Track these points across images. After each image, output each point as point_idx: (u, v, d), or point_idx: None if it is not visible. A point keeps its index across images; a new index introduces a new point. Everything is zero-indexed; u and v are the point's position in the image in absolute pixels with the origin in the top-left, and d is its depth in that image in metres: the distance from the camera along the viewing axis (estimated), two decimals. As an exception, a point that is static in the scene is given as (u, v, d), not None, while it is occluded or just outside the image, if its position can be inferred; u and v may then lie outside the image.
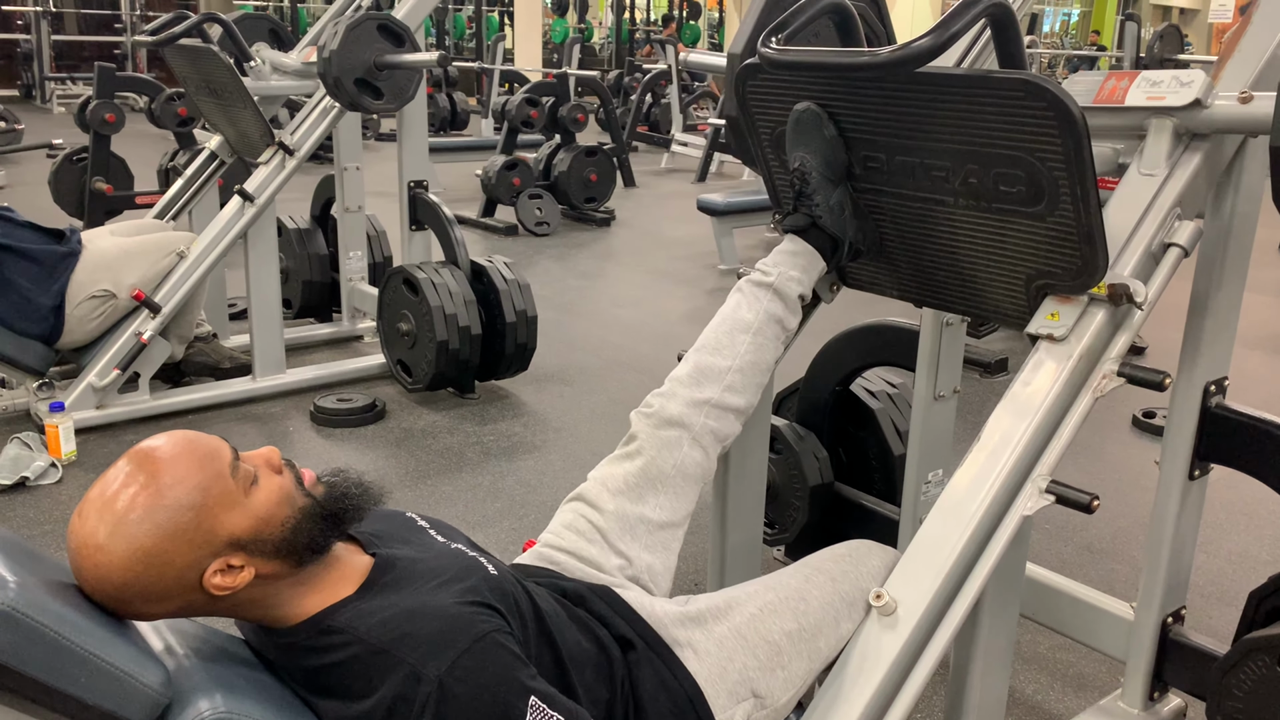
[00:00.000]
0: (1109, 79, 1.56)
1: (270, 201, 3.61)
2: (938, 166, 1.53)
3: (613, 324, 4.85)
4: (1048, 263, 1.47)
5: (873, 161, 1.63)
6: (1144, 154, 1.51)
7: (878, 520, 2.47)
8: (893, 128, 1.56)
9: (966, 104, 1.43)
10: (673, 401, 1.56)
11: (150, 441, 1.10)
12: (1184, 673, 1.95)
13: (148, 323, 3.39)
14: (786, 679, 1.40)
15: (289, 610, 1.14)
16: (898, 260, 1.74)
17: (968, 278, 1.63)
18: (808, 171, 1.64)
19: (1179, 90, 1.47)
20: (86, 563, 1.03)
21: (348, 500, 1.17)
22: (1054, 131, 1.34)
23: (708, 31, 21.09)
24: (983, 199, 1.50)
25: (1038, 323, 1.48)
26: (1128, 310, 1.45)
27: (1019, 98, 1.35)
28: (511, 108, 7.10)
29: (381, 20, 3.39)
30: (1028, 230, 1.47)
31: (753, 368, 1.61)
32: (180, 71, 3.79)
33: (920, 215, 1.62)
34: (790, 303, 1.65)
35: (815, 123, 1.61)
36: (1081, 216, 1.38)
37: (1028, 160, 1.40)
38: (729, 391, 1.57)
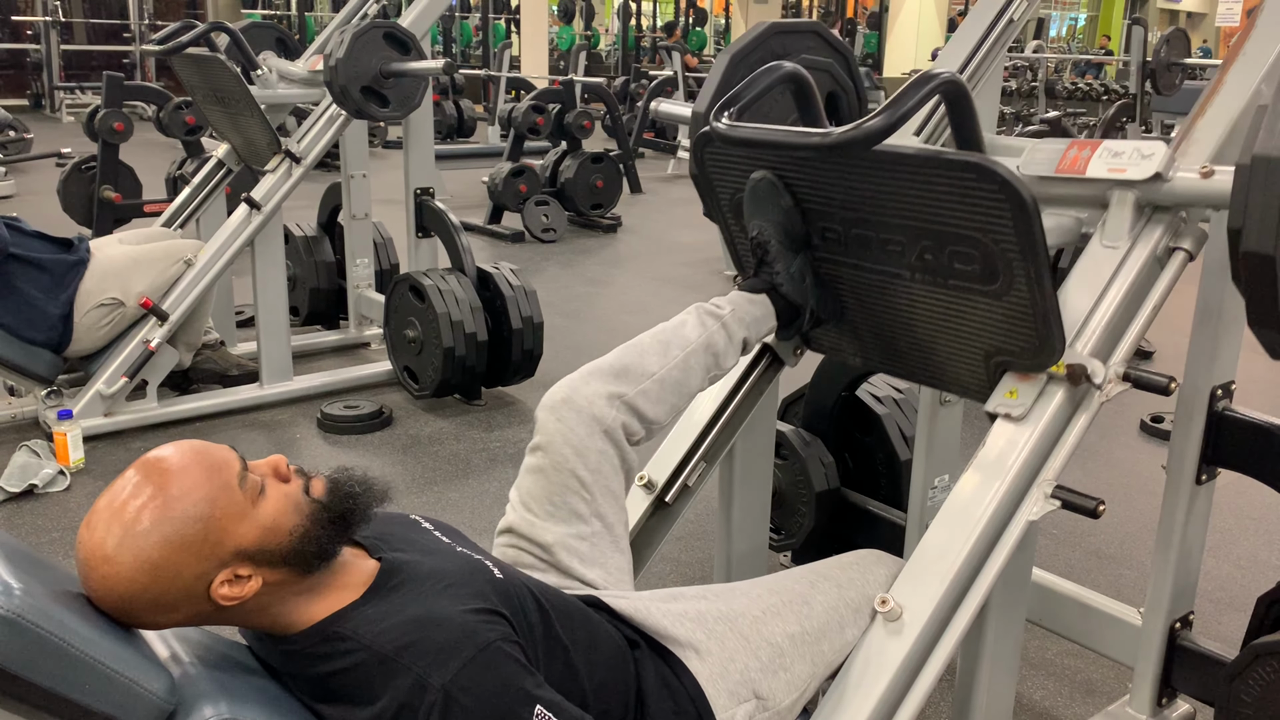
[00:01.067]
0: (1070, 148, 1.52)
1: (277, 209, 3.62)
2: (893, 241, 1.51)
3: (620, 330, 4.84)
4: (1005, 340, 1.45)
5: (830, 232, 1.62)
6: (1106, 226, 1.48)
7: (884, 526, 2.46)
8: (848, 201, 1.54)
9: (919, 183, 1.41)
10: (585, 390, 1.48)
11: (158, 452, 1.10)
12: (1192, 678, 1.94)
13: (155, 330, 3.40)
14: (789, 681, 1.40)
15: (295, 617, 1.14)
16: (859, 328, 1.72)
17: (928, 350, 1.61)
18: (766, 241, 1.62)
19: (1140, 163, 1.43)
20: (94, 573, 1.04)
21: (353, 500, 1.17)
22: (1005, 214, 1.32)
23: (714, 38, 21.11)
24: (938, 275, 1.48)
25: (996, 400, 1.46)
26: (1087, 389, 1.42)
27: (970, 179, 1.33)
28: (518, 115, 7.12)
29: (388, 28, 3.41)
30: (985, 308, 1.44)
31: (675, 386, 1.54)
32: (188, 80, 3.80)
33: (879, 287, 1.60)
34: (733, 342, 1.61)
35: (771, 193, 1.60)
36: (1036, 298, 1.36)
37: (981, 240, 1.38)
38: (643, 396, 1.50)
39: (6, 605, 0.93)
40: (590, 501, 1.46)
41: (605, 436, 1.47)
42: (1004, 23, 2.09)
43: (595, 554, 1.46)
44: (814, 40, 1.92)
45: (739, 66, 1.82)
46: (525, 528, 1.46)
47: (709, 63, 16.18)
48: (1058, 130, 5.02)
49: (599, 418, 1.46)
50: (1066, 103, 11.58)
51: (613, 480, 1.49)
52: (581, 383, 1.49)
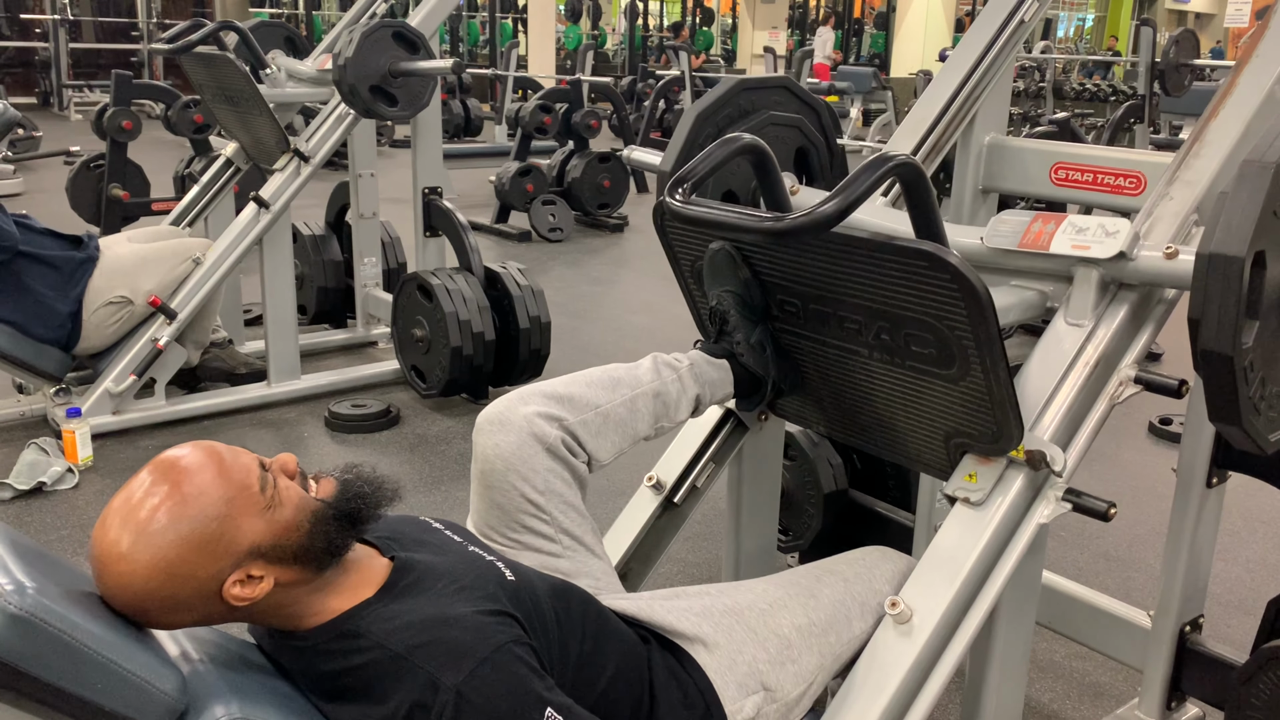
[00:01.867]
0: (1035, 221, 1.50)
1: (285, 208, 3.63)
2: (850, 320, 1.49)
3: (626, 330, 4.85)
4: (963, 424, 1.43)
5: (789, 305, 1.60)
6: (1070, 303, 1.46)
7: (893, 527, 2.45)
8: (804, 278, 1.53)
9: (873, 266, 1.39)
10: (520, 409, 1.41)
11: (173, 451, 1.10)
12: (1202, 682, 1.94)
13: (164, 329, 3.41)
14: (797, 673, 1.40)
15: (307, 615, 1.14)
16: (822, 398, 1.69)
17: (889, 426, 1.59)
18: (726, 310, 1.60)
19: (1104, 241, 1.41)
20: (108, 571, 1.04)
21: (362, 500, 1.17)
22: (959, 303, 1.30)
23: (721, 37, 21.13)
24: (896, 355, 1.46)
25: (955, 483, 1.44)
26: (1047, 475, 1.40)
27: (923, 267, 1.31)
28: (525, 114, 7.12)
29: (396, 28, 3.41)
30: (942, 390, 1.42)
31: (619, 424, 1.48)
32: (196, 79, 3.81)
33: (838, 361, 1.58)
34: (685, 395, 1.56)
35: (729, 265, 1.58)
36: (993, 387, 1.34)
37: (936, 326, 1.36)
38: (583, 426, 1.44)
39: (19, 604, 0.93)
40: (550, 520, 1.42)
41: (549, 454, 1.41)
42: (1015, 24, 2.08)
43: (575, 567, 1.44)
44: (783, 95, 1.88)
45: (705, 124, 1.80)
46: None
47: (715, 62, 16.19)
48: (1066, 131, 5.01)
49: (539, 435, 1.40)
50: (1074, 103, 11.58)
51: (568, 494, 1.44)
52: (519, 402, 1.43)
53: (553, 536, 1.43)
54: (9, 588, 0.94)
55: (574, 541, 1.44)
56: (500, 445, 1.40)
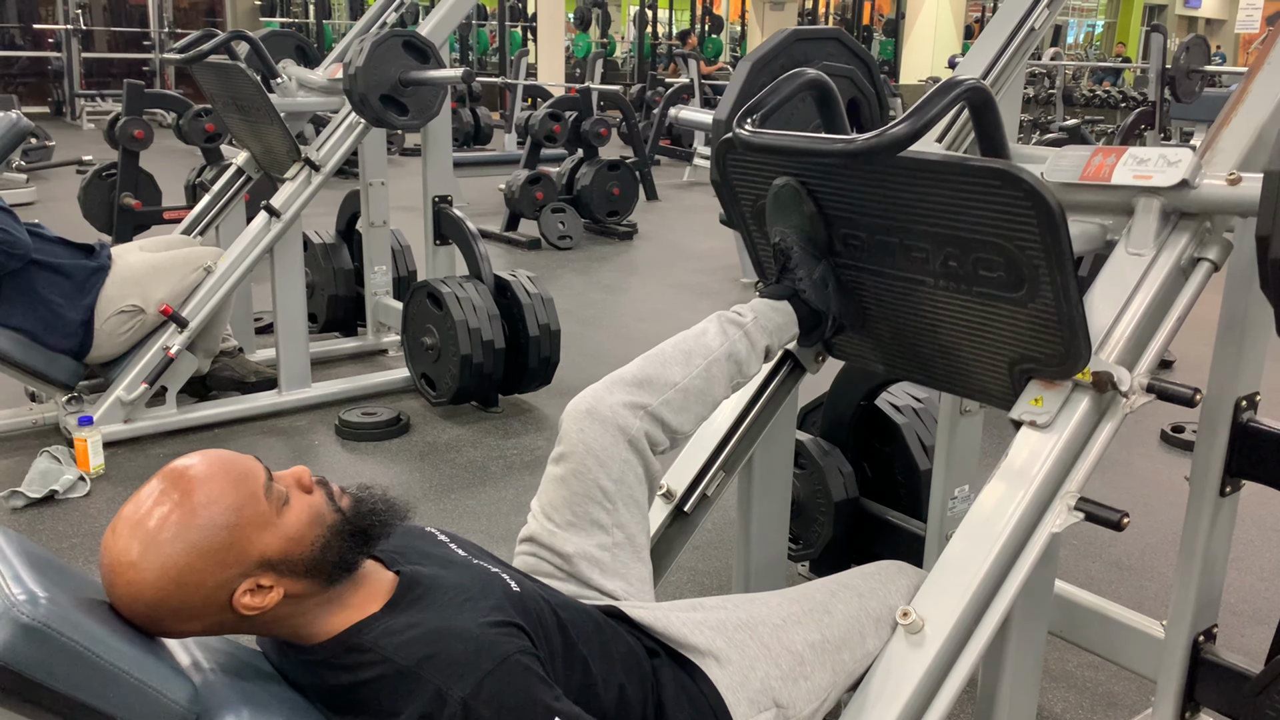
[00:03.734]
0: (1095, 154, 1.50)
1: (296, 217, 3.64)
2: (917, 248, 1.50)
3: (636, 337, 4.85)
4: (1030, 347, 1.44)
5: (853, 239, 1.61)
6: (1131, 233, 1.46)
7: (903, 536, 2.45)
8: (871, 208, 1.54)
9: (944, 190, 1.40)
10: (608, 399, 1.47)
11: (183, 460, 1.10)
12: (1216, 693, 1.92)
13: (175, 337, 3.42)
14: (810, 690, 1.39)
15: (316, 628, 1.14)
16: (882, 334, 1.71)
17: (951, 357, 1.60)
18: (789, 247, 1.62)
19: (1166, 170, 1.42)
20: (119, 580, 1.04)
21: (375, 516, 1.18)
22: (1031, 221, 1.31)
23: (730, 45, 21.12)
24: (963, 282, 1.47)
25: (1021, 408, 1.45)
26: (1113, 397, 1.41)
27: (996, 186, 1.32)
28: (535, 122, 7.13)
29: (407, 37, 3.42)
30: (1009, 315, 1.43)
31: (698, 395, 1.53)
32: (208, 88, 3.83)
33: (902, 293, 1.59)
34: (755, 350, 1.60)
35: (794, 199, 1.59)
36: (1062, 306, 1.35)
37: (1006, 247, 1.37)
38: (667, 406, 1.50)
39: (32, 614, 0.94)
40: (612, 512, 1.45)
41: (629, 446, 1.47)
42: (1025, 31, 2.08)
43: (616, 565, 1.45)
44: (835, 47, 1.92)
45: (760, 73, 1.82)
46: (546, 537, 1.45)
47: (725, 70, 16.19)
48: (1077, 138, 5.01)
49: (623, 427, 1.46)
50: (1084, 110, 11.54)
51: (636, 490, 1.48)
52: (605, 392, 1.49)
53: (607, 528, 1.45)
54: (22, 597, 0.95)
55: (625, 538, 1.47)
56: (586, 432, 1.45)
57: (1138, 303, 1.43)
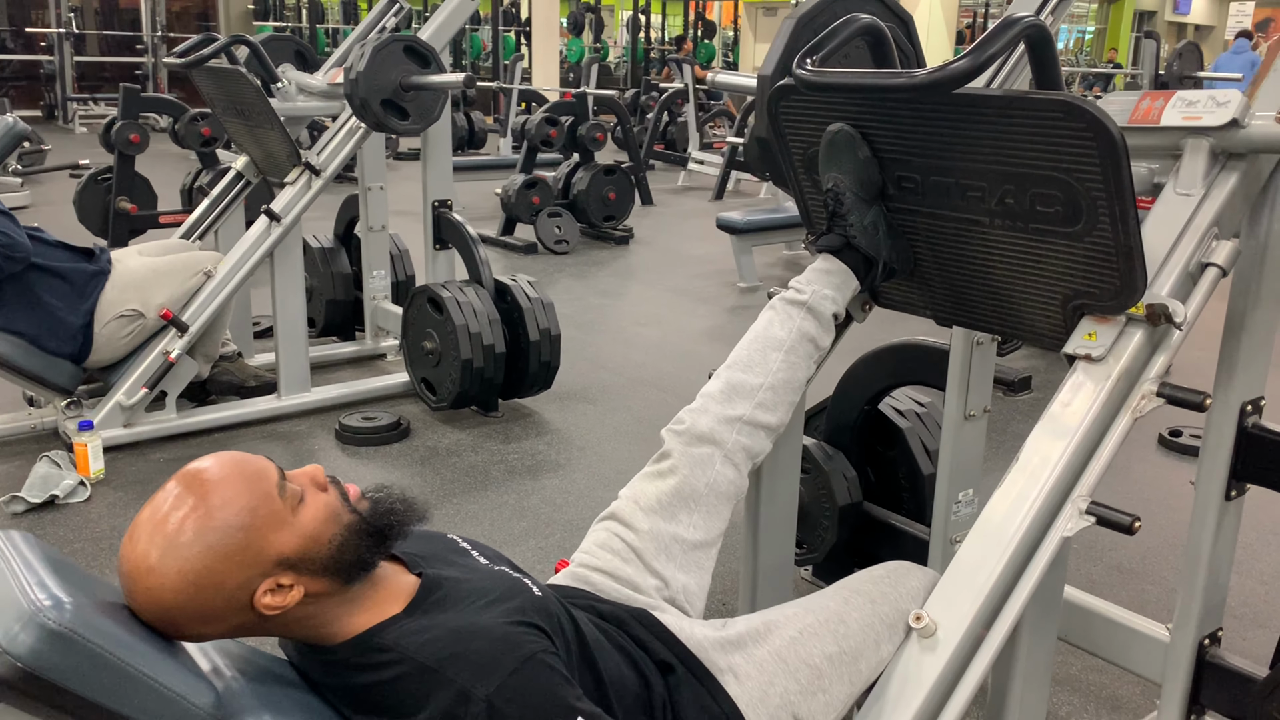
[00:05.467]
0: (1144, 99, 1.55)
1: (297, 221, 3.63)
2: (974, 187, 1.53)
3: (635, 342, 4.85)
4: (1085, 283, 1.46)
5: (907, 182, 1.63)
6: (1180, 174, 1.50)
7: (907, 540, 2.45)
8: (928, 148, 1.56)
9: (1003, 125, 1.42)
10: (704, 418, 1.56)
11: (198, 463, 1.11)
12: (1222, 696, 1.93)
13: (175, 341, 3.41)
14: (827, 702, 1.40)
15: (337, 628, 1.14)
16: (931, 279, 1.73)
17: (1003, 297, 1.63)
18: (841, 192, 1.64)
19: (1215, 110, 1.45)
20: (138, 585, 1.04)
21: (393, 516, 1.18)
22: (1093, 152, 1.34)
23: (722, 50, 21.17)
24: (1019, 219, 1.49)
25: (1075, 343, 1.47)
26: (1166, 330, 1.43)
27: (1057, 119, 1.35)
28: (531, 127, 7.14)
29: (407, 42, 3.42)
30: (1065, 250, 1.46)
31: (785, 385, 1.60)
32: (207, 93, 3.82)
33: (955, 235, 1.61)
34: (824, 321, 1.65)
35: (849, 144, 1.61)
36: (1120, 236, 1.38)
37: (1065, 181, 1.40)
38: (760, 409, 1.57)
39: (58, 619, 0.94)
40: (694, 512, 1.51)
41: (726, 460, 1.54)
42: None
43: (685, 560, 1.50)
44: (876, 6, 1.94)
45: (804, 30, 1.85)
46: (627, 514, 1.51)
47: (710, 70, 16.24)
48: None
49: (719, 443, 1.54)
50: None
51: (722, 507, 1.55)
52: (700, 411, 1.57)
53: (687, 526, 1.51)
54: (47, 603, 0.95)
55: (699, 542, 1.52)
56: (690, 447, 1.55)
57: (1188, 239, 1.46)
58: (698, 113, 10.39)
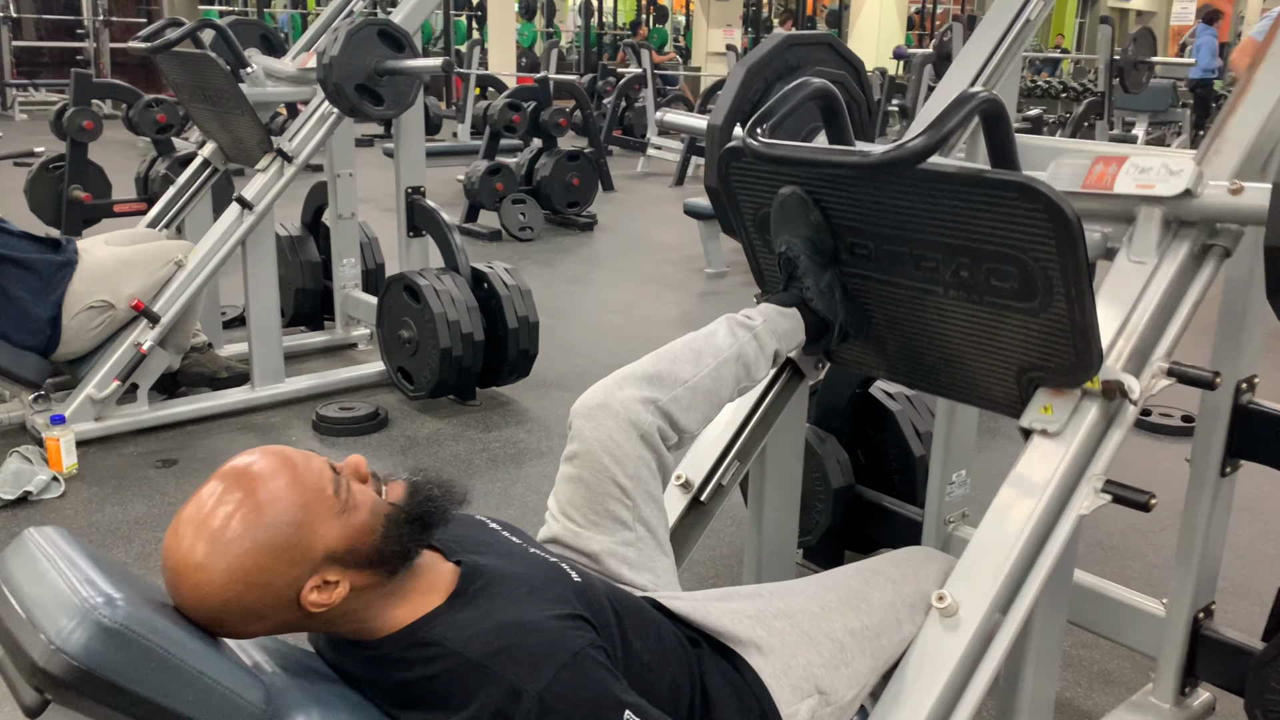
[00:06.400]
0: (1096, 163, 1.52)
1: (269, 209, 3.57)
2: (927, 258, 1.51)
3: (607, 329, 4.84)
4: (1040, 356, 1.45)
5: (860, 248, 1.62)
6: (1133, 241, 1.49)
7: (900, 521, 2.48)
8: (881, 218, 1.54)
9: (958, 201, 1.41)
10: (618, 395, 1.46)
11: (243, 458, 1.08)
12: (1217, 667, 1.98)
13: (146, 333, 3.34)
14: (851, 676, 1.41)
15: (379, 622, 1.13)
16: (885, 341, 1.72)
17: (957, 364, 1.61)
18: (795, 256, 1.63)
19: (1168, 179, 1.44)
20: (185, 582, 1.02)
21: (432, 503, 1.16)
22: (1048, 234, 1.33)
23: (673, 34, 21.12)
24: (973, 292, 1.48)
25: (1031, 416, 1.46)
26: (1120, 404, 1.43)
27: (1013, 199, 1.34)
28: (494, 112, 7.08)
29: (382, 26, 3.37)
30: (1020, 324, 1.45)
31: (707, 395, 1.53)
32: (173, 78, 3.74)
33: (909, 302, 1.60)
34: (764, 354, 1.61)
35: (801, 208, 1.60)
36: (1076, 315, 1.37)
37: (1020, 259, 1.39)
38: (675, 403, 1.49)
39: (111, 616, 0.91)
40: (632, 508, 1.45)
41: (642, 441, 1.46)
42: (1021, 23, 2.12)
43: (642, 559, 1.45)
44: (826, 51, 1.92)
45: (755, 78, 1.83)
46: (570, 538, 1.44)
47: (674, 60, 16.21)
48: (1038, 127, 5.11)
49: (635, 422, 1.45)
50: (1028, 100, 11.76)
51: (652, 484, 1.48)
52: (615, 388, 1.48)
53: (630, 524, 1.44)
54: (99, 600, 0.92)
55: (647, 533, 1.46)
56: (600, 429, 1.43)
57: (1142, 310, 1.45)
58: (656, 98, 10.38)
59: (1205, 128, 11.56)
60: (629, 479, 1.44)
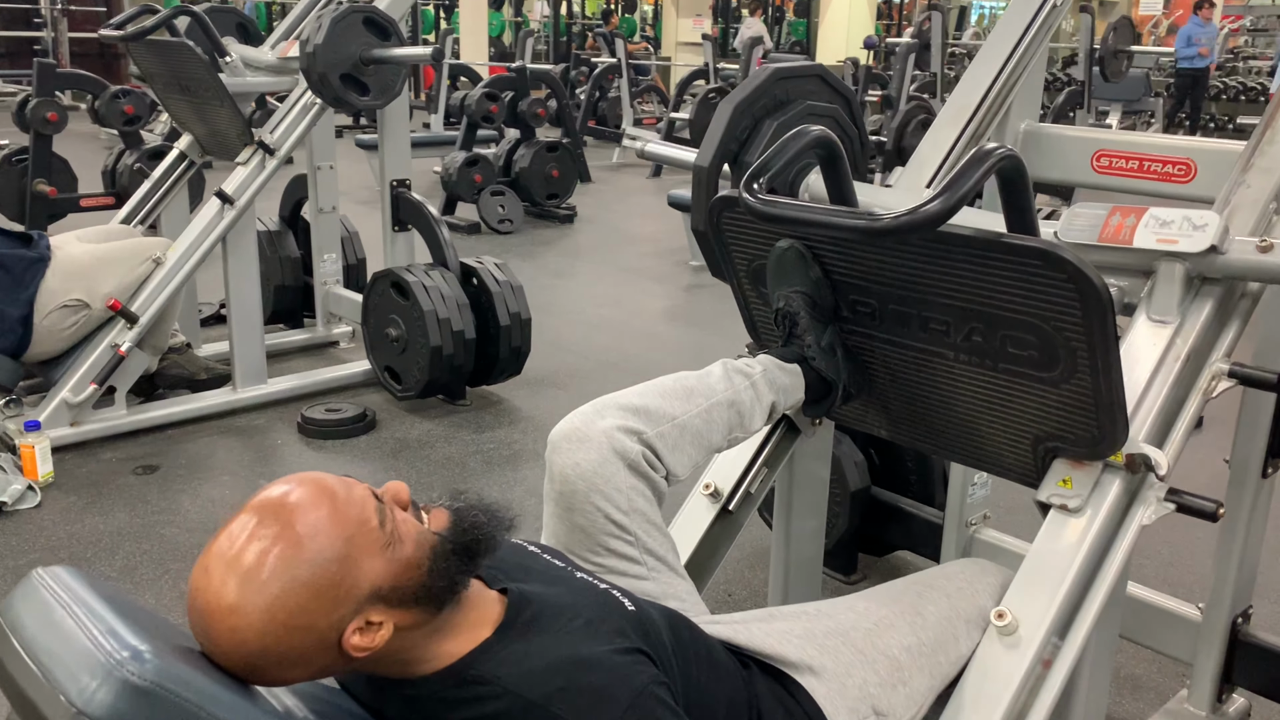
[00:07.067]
0: (1113, 214, 1.43)
1: (250, 203, 3.44)
2: (937, 320, 1.41)
3: (596, 323, 4.74)
4: (1059, 428, 1.36)
5: (862, 306, 1.51)
6: (1154, 299, 1.40)
7: (919, 524, 2.42)
8: (886, 277, 1.44)
9: (973, 264, 1.31)
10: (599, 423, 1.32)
11: (277, 487, 0.98)
12: (1257, 672, 1.93)
13: (124, 333, 3.20)
14: (909, 695, 1.33)
15: (424, 660, 1.03)
16: (890, 402, 1.61)
17: (967, 430, 1.51)
18: (795, 312, 1.52)
19: (1192, 234, 1.35)
20: (218, 626, 0.92)
21: (479, 530, 1.07)
22: (1075, 304, 1.24)
23: (641, 24, 20.99)
24: (988, 357, 1.38)
25: (1049, 489, 1.37)
26: (1144, 477, 1.34)
27: (1036, 266, 1.24)
28: (471, 103, 6.94)
29: (368, 13, 3.25)
30: (1038, 393, 1.35)
31: (695, 437, 1.40)
32: (147, 68, 3.59)
33: (915, 363, 1.49)
34: (760, 404, 1.48)
35: (799, 263, 1.50)
36: (1102, 389, 1.27)
37: (1042, 328, 1.29)
38: (661, 440, 1.36)
39: (140, 673, 0.81)
40: (635, 541, 1.33)
41: (630, 470, 1.32)
42: (1049, 8, 2.05)
43: (662, 589, 1.35)
44: (816, 84, 1.81)
45: (742, 116, 1.73)
46: None
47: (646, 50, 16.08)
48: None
49: (620, 451, 1.31)
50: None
51: (650, 512, 1.35)
52: (595, 416, 1.33)
53: (638, 558, 1.34)
54: (125, 654, 0.82)
55: (658, 562, 1.36)
56: (581, 464, 1.30)
57: (1165, 374, 1.37)
58: (630, 88, 10.27)
59: (1182, 115, 11.64)
60: (623, 514, 1.31)
